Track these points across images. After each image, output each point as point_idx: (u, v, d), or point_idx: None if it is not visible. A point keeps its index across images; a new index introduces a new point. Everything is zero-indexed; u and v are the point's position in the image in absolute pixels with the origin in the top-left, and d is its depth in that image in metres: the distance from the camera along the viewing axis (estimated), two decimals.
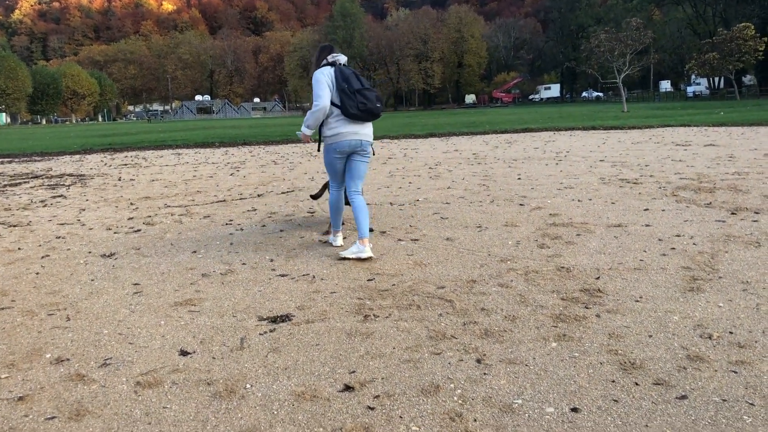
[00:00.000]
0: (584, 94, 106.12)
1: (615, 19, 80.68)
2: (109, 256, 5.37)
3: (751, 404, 2.46)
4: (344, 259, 4.86)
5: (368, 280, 4.32)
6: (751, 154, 10.69)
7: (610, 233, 5.38)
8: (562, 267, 4.44)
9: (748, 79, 77.25)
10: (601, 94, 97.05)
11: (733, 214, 5.88)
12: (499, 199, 7.33)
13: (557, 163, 10.67)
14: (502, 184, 8.52)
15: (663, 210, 6.23)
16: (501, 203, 7.05)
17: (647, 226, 5.58)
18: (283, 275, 4.53)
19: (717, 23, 73.38)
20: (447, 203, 7.22)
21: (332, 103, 4.93)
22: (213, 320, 3.67)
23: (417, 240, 5.47)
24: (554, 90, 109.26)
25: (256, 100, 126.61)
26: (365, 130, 5.05)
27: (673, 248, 4.79)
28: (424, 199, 7.62)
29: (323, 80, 4.90)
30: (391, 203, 7.41)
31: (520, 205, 6.89)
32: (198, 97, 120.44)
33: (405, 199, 7.67)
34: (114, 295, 4.24)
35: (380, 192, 8.35)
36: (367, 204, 7.13)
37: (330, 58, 5.08)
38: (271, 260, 4.97)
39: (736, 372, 2.74)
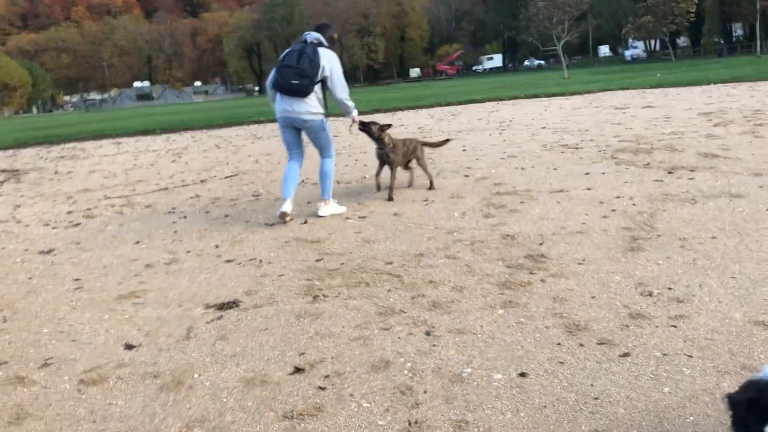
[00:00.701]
0: (526, 62, 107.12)
1: None
2: (47, 252, 5.20)
3: (690, 356, 2.54)
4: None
5: (317, 261, 4.29)
6: (686, 114, 11.00)
7: (553, 199, 5.47)
8: (507, 235, 4.50)
9: (682, 40, 79.27)
10: (542, 61, 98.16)
11: (669, 173, 6.05)
12: (445, 171, 7.37)
13: (500, 133, 10.77)
14: (447, 156, 8.54)
15: (603, 173, 6.36)
16: (447, 175, 7.08)
17: (588, 189, 5.70)
18: (229, 261, 4.47)
19: None
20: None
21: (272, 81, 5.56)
22: (158, 311, 3.60)
23: (365, 217, 5.46)
24: (497, 60, 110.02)
25: (198, 83, 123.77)
26: (294, 106, 5.31)
27: (614, 210, 4.90)
28: (371, 176, 7.59)
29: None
30: (337, 182, 7.34)
31: (465, 176, 6.94)
32: (137, 84, 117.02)
33: (352, 176, 7.64)
34: (54, 292, 4.11)
35: None
36: (314, 183, 7.09)
37: (308, 36, 5.46)
38: (217, 246, 4.89)
39: (675, 326, 2.83)
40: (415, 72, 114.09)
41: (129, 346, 3.13)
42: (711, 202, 4.85)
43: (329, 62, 5.34)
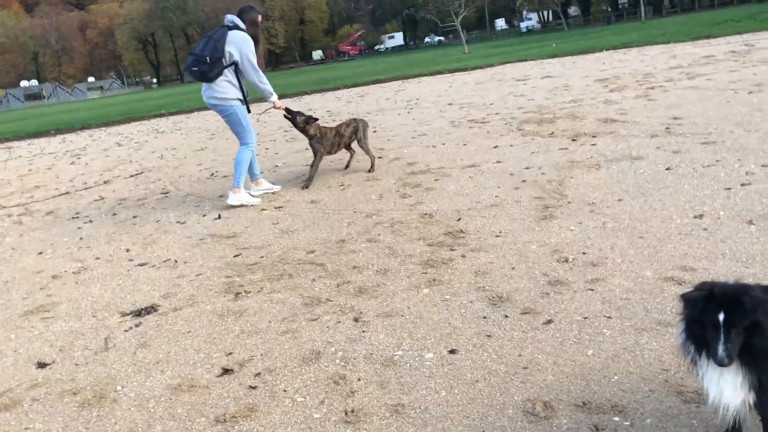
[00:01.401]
0: (427, 39, 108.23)
1: None
2: None
3: (608, 317, 2.65)
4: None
5: (235, 256, 4.19)
6: (583, 81, 11.42)
7: (466, 174, 5.56)
8: (426, 214, 4.54)
9: (573, 10, 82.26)
10: (442, 38, 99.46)
11: (573, 140, 6.27)
12: (358, 154, 7.32)
13: (409, 112, 10.84)
14: None
15: (511, 145, 6.52)
16: (359, 158, 7.05)
17: (498, 162, 5.83)
18: (142, 264, 4.28)
19: None
20: (307, 166, 7.11)
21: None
22: (71, 324, 3.41)
23: (281, 207, 5.37)
24: (398, 38, 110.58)
25: (91, 79, 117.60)
26: (205, 92, 5.46)
27: (524, 180, 5.04)
28: (283, 164, 7.49)
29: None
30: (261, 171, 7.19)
31: (379, 158, 6.93)
32: (24, 83, 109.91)
33: (264, 166, 7.47)
34: None
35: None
36: (224, 176, 6.92)
37: (225, 18, 5.48)
38: (128, 250, 4.67)
39: (592, 290, 2.94)
40: (317, 54, 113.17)
41: (42, 365, 2.95)
42: (614, 165, 5.06)
43: (237, 46, 5.28)
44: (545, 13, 78.55)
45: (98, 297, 3.77)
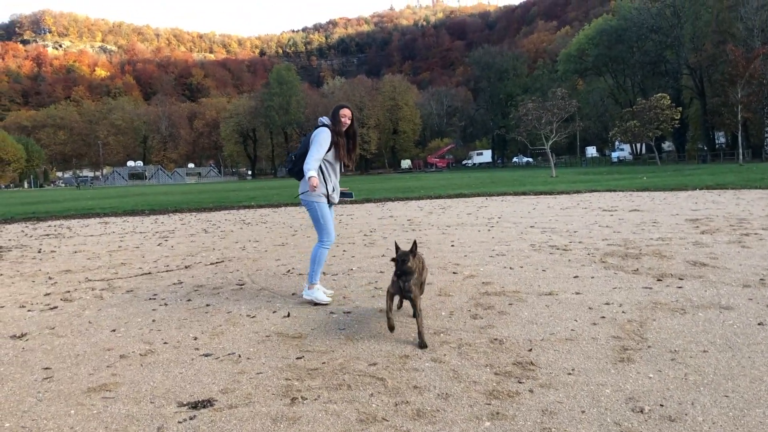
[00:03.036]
0: (515, 159, 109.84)
1: (541, 88, 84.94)
2: (19, 337, 5.00)
3: None
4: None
5: (297, 358, 4.14)
6: (673, 219, 11.12)
7: (542, 302, 5.39)
8: (495, 339, 4.38)
9: (667, 145, 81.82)
10: (531, 159, 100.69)
11: (659, 280, 6.01)
12: (433, 266, 7.30)
13: (489, 230, 10.80)
14: (435, 251, 8.52)
15: (592, 277, 6.32)
16: (434, 271, 7.02)
17: (577, 294, 5.63)
18: (207, 355, 4.30)
19: (636, 93, 78.07)
20: (381, 272, 7.14)
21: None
22: (128, 407, 3.41)
23: (349, 312, 5.34)
24: (486, 155, 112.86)
25: (191, 165, 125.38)
26: (300, 187, 5.67)
27: (603, 317, 4.82)
28: (358, 268, 7.52)
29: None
30: (324, 273, 7.27)
31: (454, 273, 6.88)
32: (130, 163, 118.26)
33: (338, 268, 7.55)
34: (20, 381, 3.92)
35: None
36: (299, 274, 7.02)
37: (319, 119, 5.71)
38: (195, 338, 4.73)
39: None
40: (406, 163, 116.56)
41: None
42: (701, 312, 4.78)
43: (310, 140, 5.49)
44: (638, 145, 78.39)
45: (159, 383, 3.78)
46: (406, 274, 4.48)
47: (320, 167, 5.53)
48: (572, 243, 8.73)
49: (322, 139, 5.45)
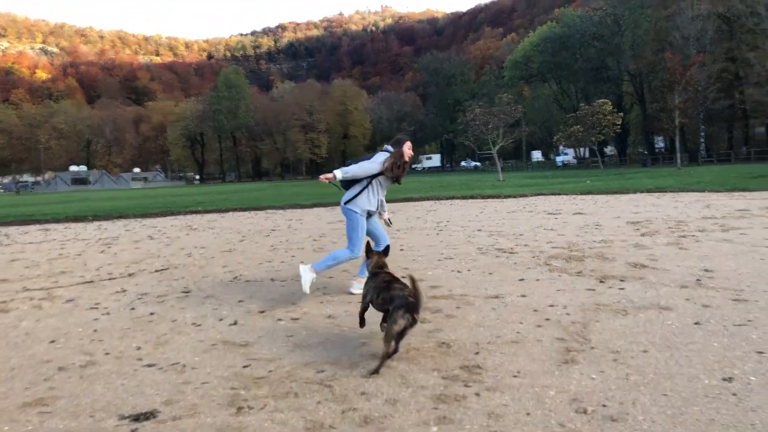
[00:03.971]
0: (463, 163, 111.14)
1: (488, 94, 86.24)
2: None
3: None
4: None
5: (243, 367, 4.08)
6: (614, 222, 11.43)
7: (489, 305, 5.46)
8: (443, 342, 4.41)
9: (610, 149, 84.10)
10: (479, 163, 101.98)
11: (601, 282, 6.16)
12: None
13: (438, 233, 10.89)
14: None
15: (537, 279, 6.43)
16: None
17: (523, 296, 5.72)
18: (150, 365, 4.20)
19: (579, 99, 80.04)
20: (331, 278, 7.11)
21: None
22: (66, 422, 3.30)
23: (297, 319, 5.29)
24: (435, 160, 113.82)
25: (137, 170, 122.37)
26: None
27: (548, 319, 4.91)
28: None
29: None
30: (272, 279, 7.20)
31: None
32: (73, 168, 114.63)
33: (287, 274, 7.49)
34: None
35: (261, 267, 8.11)
36: (247, 281, 6.94)
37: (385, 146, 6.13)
38: (138, 348, 4.61)
39: None
40: None
41: None
42: (641, 313, 4.92)
43: (361, 167, 5.89)
44: (582, 149, 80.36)
45: (100, 395, 3.67)
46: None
47: (370, 183, 5.93)
48: (518, 246, 8.87)
49: (378, 159, 5.88)
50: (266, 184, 67.66)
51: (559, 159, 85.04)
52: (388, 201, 6.47)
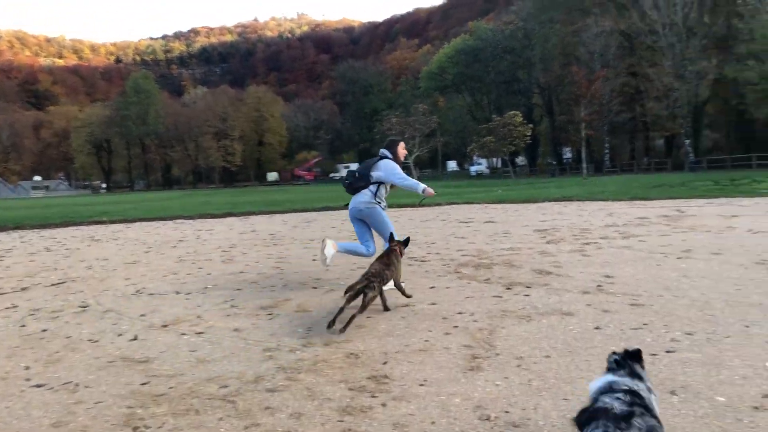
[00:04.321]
0: None
1: (404, 104, 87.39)
2: None
3: None
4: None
5: (142, 384, 3.89)
6: (523, 230, 11.76)
7: (399, 314, 5.46)
8: (351, 353, 4.37)
9: (521, 159, 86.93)
10: None
11: (508, 289, 6.29)
12: (293, 282, 7.21)
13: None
14: (296, 266, 8.42)
15: (447, 287, 6.50)
16: (294, 287, 6.93)
17: (433, 304, 5.76)
18: (39, 385, 3.93)
19: (492, 110, 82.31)
20: (238, 289, 6.93)
21: None
22: None
23: (202, 333, 5.11)
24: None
25: (37, 178, 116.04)
26: (354, 199, 6.75)
27: (456, 326, 4.96)
28: (214, 285, 7.25)
29: None
30: (177, 292, 6.94)
31: (314, 288, 6.82)
32: None
33: (193, 287, 7.24)
34: None
35: (166, 280, 7.81)
36: (150, 294, 6.68)
37: (381, 151, 6.90)
38: (27, 368, 4.31)
39: None
40: (272, 176, 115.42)
41: None
42: (545, 319, 5.05)
43: (385, 171, 6.59)
44: (494, 159, 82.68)
45: None
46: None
47: (382, 186, 6.66)
48: (430, 254, 8.97)
49: (398, 170, 6.67)
50: (177, 193, 65.76)
51: (473, 169, 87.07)
52: (299, 211, 6.41)
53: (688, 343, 4.26)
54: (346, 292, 5.11)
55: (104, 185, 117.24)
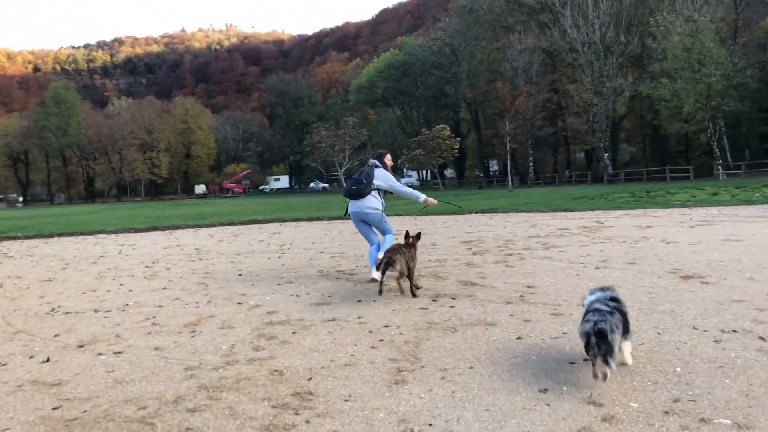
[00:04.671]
0: (312, 184, 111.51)
1: (335, 117, 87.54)
2: None
3: None
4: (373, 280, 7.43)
5: (54, 409, 3.72)
6: (449, 241, 11.94)
7: (325, 328, 5.43)
8: (276, 370, 4.31)
9: (450, 172, 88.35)
10: (327, 185, 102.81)
11: (434, 300, 6.36)
12: (218, 298, 7.07)
13: (279, 257, 10.75)
14: (222, 281, 8.27)
15: (374, 300, 6.52)
16: (219, 303, 6.79)
17: (359, 318, 5.76)
18: None
19: (421, 124, 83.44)
20: (160, 306, 6.74)
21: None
22: None
23: (120, 353, 4.93)
24: (284, 181, 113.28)
25: None
26: (359, 204, 7.74)
27: (382, 340, 4.97)
28: (135, 303, 7.02)
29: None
30: (95, 310, 6.68)
31: (239, 303, 6.70)
32: None
33: (113, 304, 6.99)
34: None
35: (84, 297, 7.50)
36: (66, 313, 6.42)
37: (370, 161, 8.18)
38: None
39: None
40: (200, 188, 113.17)
41: None
42: (469, 330, 5.13)
43: (383, 179, 7.86)
44: (424, 172, 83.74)
45: None
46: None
47: (379, 191, 7.89)
48: (358, 267, 8.97)
49: (392, 177, 8.06)
50: (99, 207, 63.43)
51: (403, 181, 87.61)
52: (225, 224, 6.28)
53: None
54: (377, 267, 6.60)
55: (21, 199, 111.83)
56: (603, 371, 3.63)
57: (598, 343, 3.61)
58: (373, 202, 7.77)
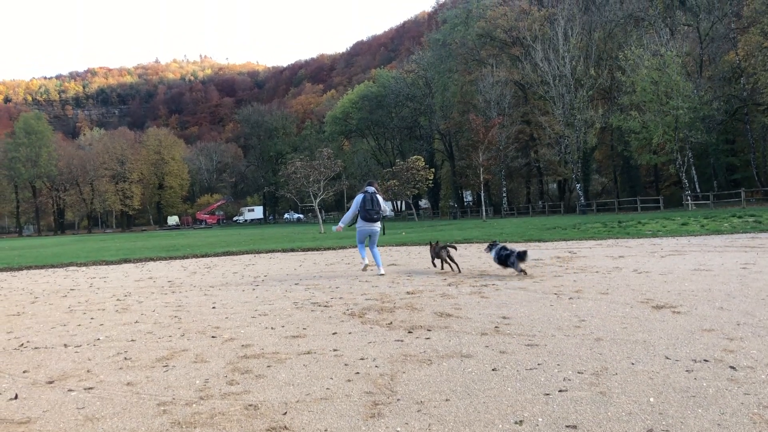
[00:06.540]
0: (286, 215, 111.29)
1: (309, 147, 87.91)
2: None
3: None
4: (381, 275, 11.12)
5: None
6: (425, 272, 11.97)
7: (300, 362, 5.39)
8: (250, 404, 4.26)
9: (424, 202, 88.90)
10: (301, 215, 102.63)
11: (409, 332, 6.36)
12: (191, 331, 6.98)
13: (254, 289, 10.67)
14: (195, 314, 8.17)
15: (350, 333, 6.49)
16: (192, 336, 6.70)
17: (335, 350, 5.73)
18: None
19: (395, 154, 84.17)
20: (132, 341, 6.63)
21: (359, 212, 11.93)
22: None
23: (91, 388, 4.83)
24: (258, 212, 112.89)
25: None
26: (373, 226, 11.92)
27: (358, 372, 4.95)
28: (106, 337, 6.90)
29: (356, 200, 11.95)
30: (65, 345, 6.55)
31: (213, 337, 6.62)
32: None
33: (83, 338, 6.85)
34: None
35: (54, 332, 7.34)
36: (36, 348, 6.29)
37: (366, 188, 11.86)
38: None
39: None
40: (173, 220, 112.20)
41: None
42: (445, 362, 5.13)
43: (383, 204, 11.81)
44: (399, 202, 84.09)
45: None
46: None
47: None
48: (333, 299, 8.94)
49: (357, 201, 12.06)
50: (70, 238, 62.42)
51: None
52: (199, 256, 6.22)
53: (578, 381, 4.45)
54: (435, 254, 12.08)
55: None
56: (522, 269, 10.07)
57: (519, 255, 10.14)
58: (380, 223, 12.03)
